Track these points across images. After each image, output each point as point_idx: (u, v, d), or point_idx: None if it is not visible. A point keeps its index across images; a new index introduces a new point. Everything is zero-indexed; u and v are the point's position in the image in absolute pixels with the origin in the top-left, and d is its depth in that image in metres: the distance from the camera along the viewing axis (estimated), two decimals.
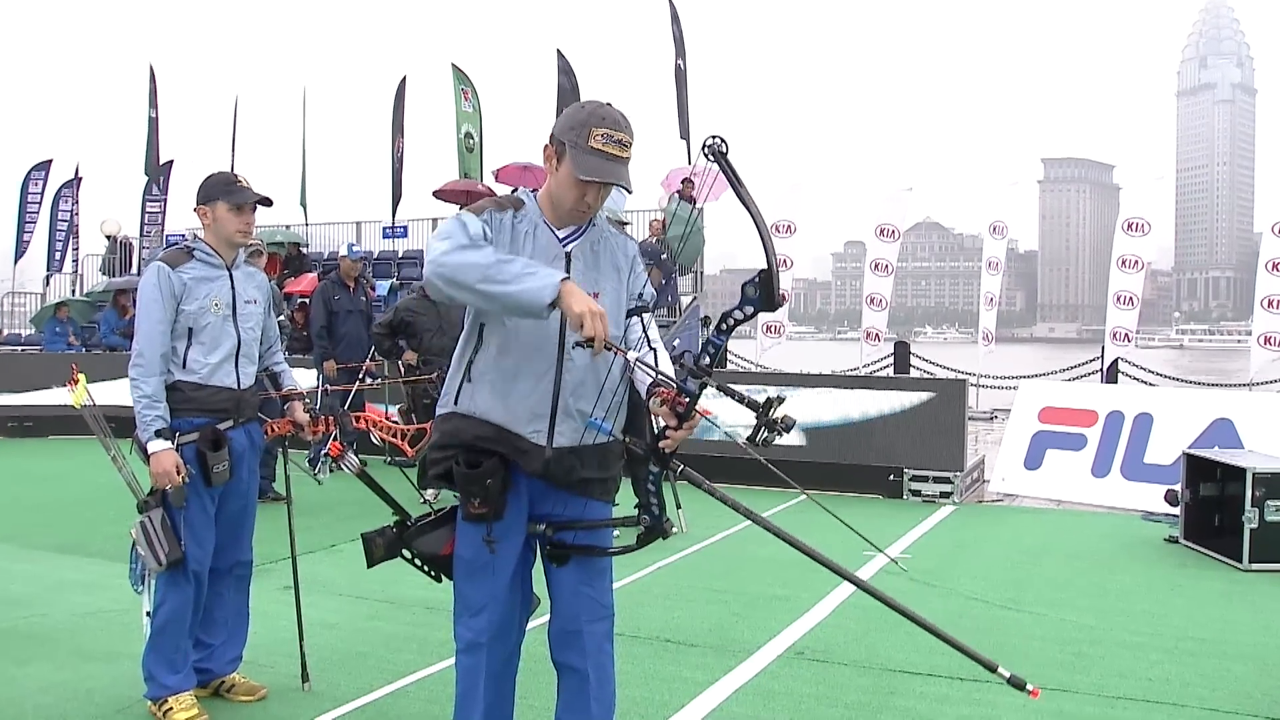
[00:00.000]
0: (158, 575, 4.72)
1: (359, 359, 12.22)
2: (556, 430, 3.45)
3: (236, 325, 4.91)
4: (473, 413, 3.47)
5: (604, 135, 3.32)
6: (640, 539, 3.58)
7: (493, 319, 3.41)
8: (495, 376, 3.44)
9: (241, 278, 5.00)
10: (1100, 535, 9.27)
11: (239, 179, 4.98)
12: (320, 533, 8.48)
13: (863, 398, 11.42)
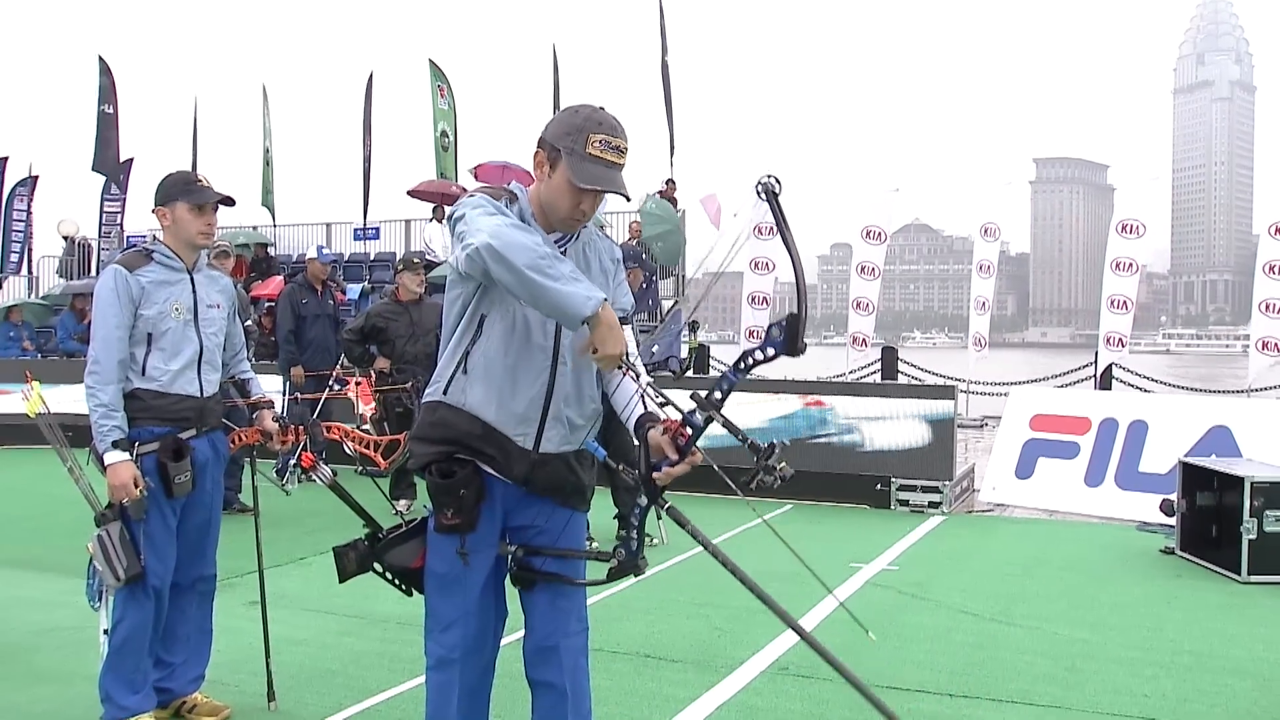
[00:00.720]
0: (116, 591, 4.67)
1: (327, 366, 12.17)
2: (545, 435, 3.47)
3: (198, 330, 4.87)
4: (464, 406, 3.47)
5: (602, 141, 3.30)
6: (611, 573, 3.60)
7: (497, 311, 3.41)
8: (492, 373, 3.43)
9: (204, 281, 4.96)
10: (1094, 546, 9.30)
11: (199, 178, 4.94)
12: (288, 545, 8.44)
13: (849, 405, 11.43)
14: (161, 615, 4.80)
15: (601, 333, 3.08)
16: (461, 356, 3.46)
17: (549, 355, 3.44)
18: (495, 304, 3.40)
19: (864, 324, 21.24)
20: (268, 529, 5.58)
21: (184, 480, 4.72)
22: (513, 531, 3.58)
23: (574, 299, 3.03)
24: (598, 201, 3.42)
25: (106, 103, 25.90)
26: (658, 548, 8.87)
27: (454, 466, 3.45)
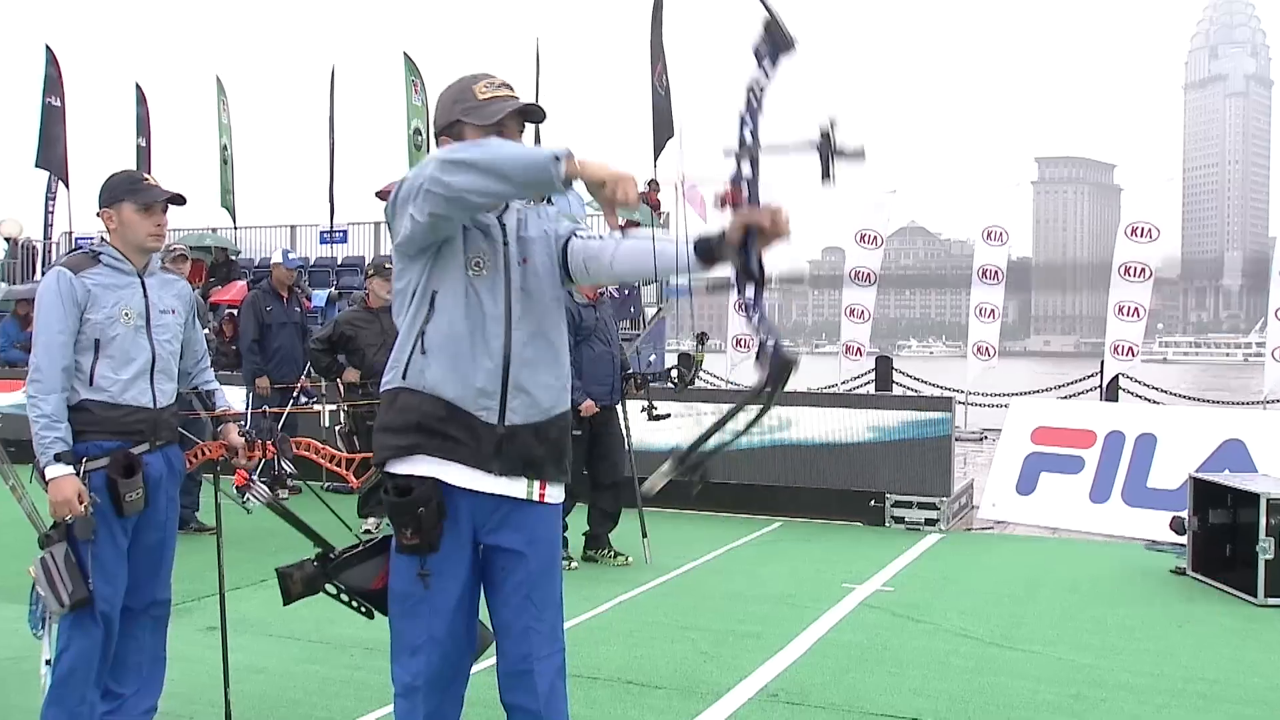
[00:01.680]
0: (60, 618, 4.57)
1: (293, 376, 12.13)
2: (509, 408, 3.50)
3: (150, 338, 4.80)
4: (423, 387, 3.50)
5: (486, 84, 3.54)
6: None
7: (448, 285, 3.49)
8: (448, 348, 3.48)
9: (157, 285, 4.89)
10: (1100, 566, 9.30)
11: (145, 177, 4.89)
12: (249, 566, 8.38)
13: (841, 417, 11.43)
14: (110, 643, 4.72)
15: (593, 170, 3.12)
16: (417, 336, 3.52)
17: (502, 324, 3.50)
18: (445, 278, 3.49)
19: (859, 332, 21.23)
20: (227, 549, 5.54)
21: (135, 498, 4.64)
22: (488, 552, 3.58)
23: (537, 151, 3.15)
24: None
25: (52, 95, 25.47)
26: (639, 568, 8.84)
27: (411, 482, 3.45)
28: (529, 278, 3.56)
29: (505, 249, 3.55)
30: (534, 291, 3.56)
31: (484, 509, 3.53)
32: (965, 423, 19.19)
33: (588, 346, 8.86)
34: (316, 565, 3.80)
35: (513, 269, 3.54)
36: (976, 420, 19.95)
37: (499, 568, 3.58)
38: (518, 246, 3.58)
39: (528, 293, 3.54)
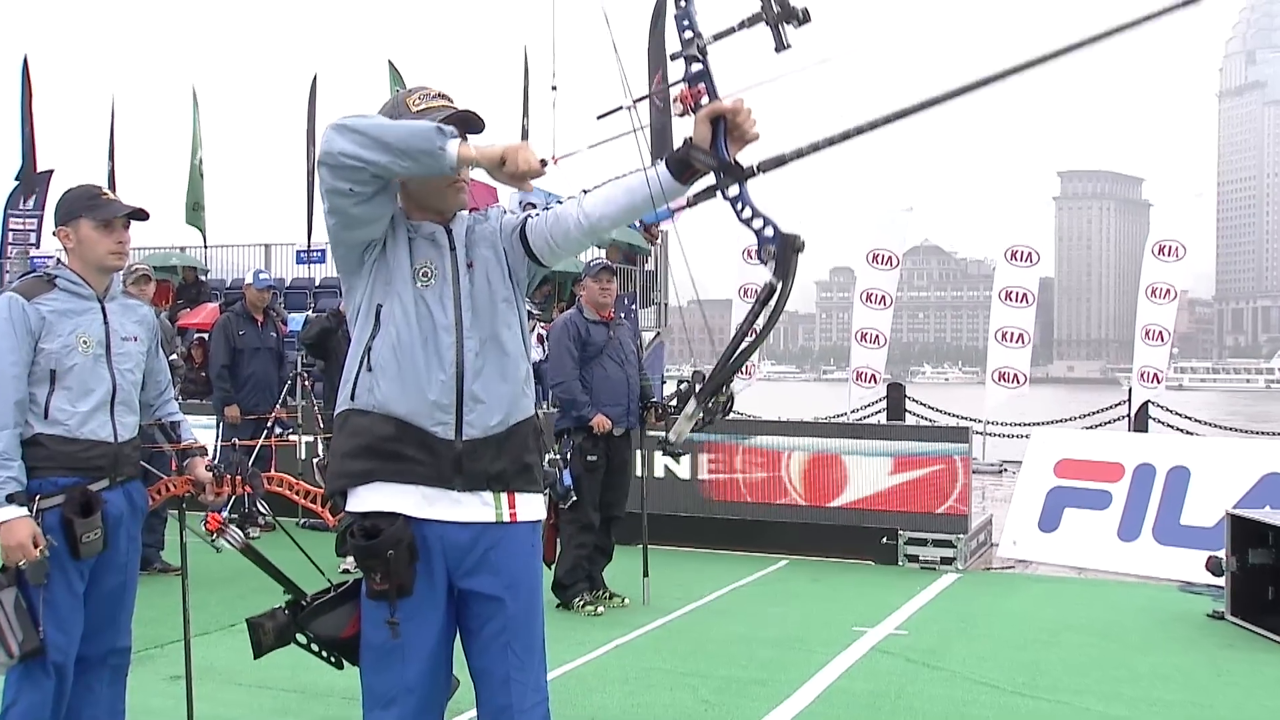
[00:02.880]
0: (9, 670, 4.51)
1: (268, 405, 12.10)
2: (465, 420, 3.52)
3: (111, 367, 4.74)
4: (372, 407, 3.53)
5: (420, 96, 3.64)
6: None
7: (394, 297, 3.54)
8: (397, 362, 3.51)
9: (118, 310, 4.85)
10: (1130, 609, 9.27)
11: (104, 191, 4.86)
12: (218, 610, 8.35)
13: (851, 448, 11.41)
14: (64, 696, 4.64)
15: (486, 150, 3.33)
16: (363, 353, 3.56)
17: (453, 333, 3.53)
18: (391, 291, 3.54)
19: (872, 358, 21.16)
20: (196, 591, 5.51)
21: (93, 539, 4.56)
22: (464, 596, 3.56)
23: (423, 125, 3.33)
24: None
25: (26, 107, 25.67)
26: (638, 609, 8.82)
27: (380, 523, 3.44)
28: (477, 282, 3.59)
29: (453, 255, 3.59)
30: (483, 295, 3.60)
31: (458, 547, 3.53)
32: (983, 454, 19.18)
33: (598, 366, 8.89)
34: (288, 614, 3.77)
35: (461, 276, 3.58)
36: (995, 452, 19.93)
37: (475, 614, 3.58)
38: (465, 252, 3.62)
39: (477, 298, 3.58)
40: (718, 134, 3.27)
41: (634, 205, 3.45)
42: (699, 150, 3.27)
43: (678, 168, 3.34)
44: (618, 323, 9.15)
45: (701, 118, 3.28)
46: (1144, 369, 18.86)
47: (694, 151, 3.28)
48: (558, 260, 3.74)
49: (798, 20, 3.19)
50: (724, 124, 3.27)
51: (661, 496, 11.18)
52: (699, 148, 3.28)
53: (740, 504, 11.49)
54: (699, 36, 3.33)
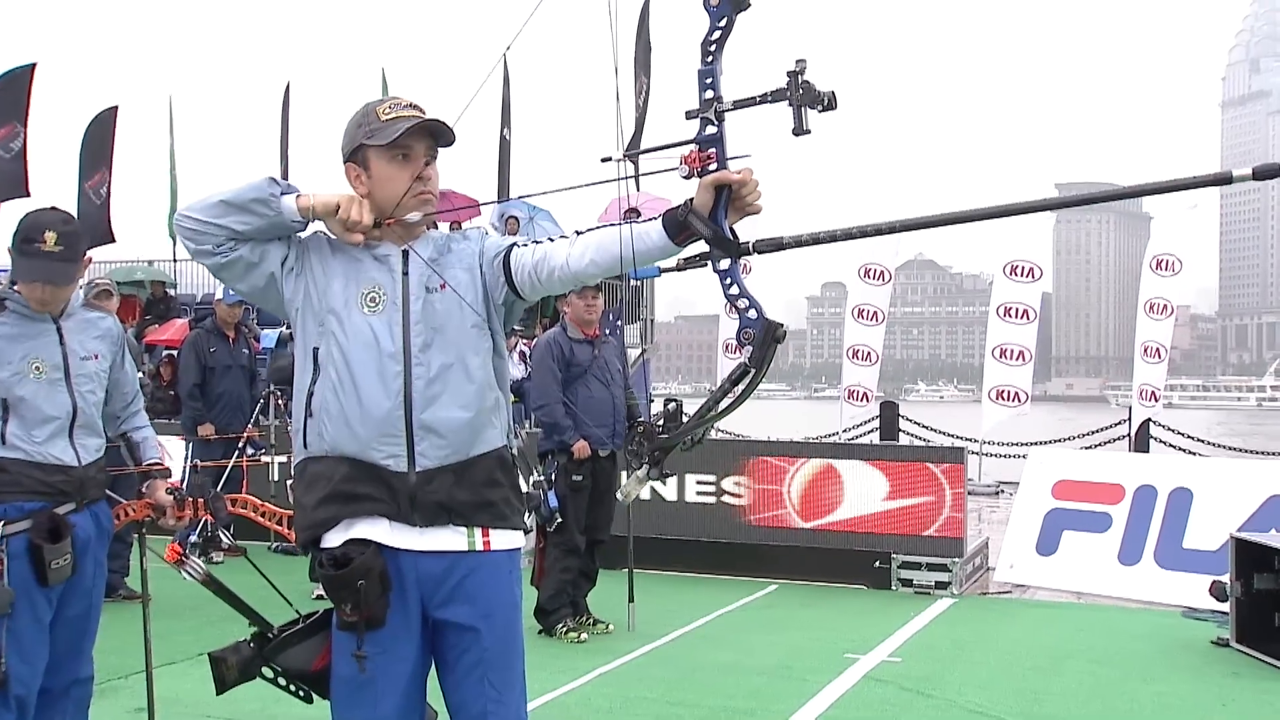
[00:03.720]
0: None
1: (240, 425, 12.05)
2: (417, 451, 3.51)
3: (71, 390, 4.70)
4: (325, 451, 3.54)
5: (390, 106, 3.64)
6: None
7: (329, 336, 3.56)
8: (338, 400, 3.52)
9: (75, 328, 4.80)
10: (1131, 636, 9.28)
11: (54, 209, 4.80)
12: (184, 639, 8.30)
13: (843, 468, 11.42)
14: None
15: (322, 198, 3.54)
16: (306, 399, 3.58)
17: (400, 361, 3.52)
18: (325, 331, 3.57)
19: (864, 375, 21.19)
20: (162, 619, 5.49)
21: (62, 565, 4.54)
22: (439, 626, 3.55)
23: (258, 180, 3.52)
24: (430, 167, 3.64)
25: None
26: (623, 636, 8.80)
27: (350, 551, 3.44)
28: (444, 305, 3.58)
29: (405, 280, 3.59)
30: (450, 319, 3.58)
31: (431, 575, 3.52)
32: (980, 475, 19.22)
33: (583, 385, 8.89)
34: (253, 647, 3.75)
35: (412, 301, 3.56)
36: (992, 472, 19.96)
37: (450, 645, 3.57)
38: (427, 274, 3.60)
39: (434, 322, 3.56)
40: (719, 203, 3.30)
41: (624, 258, 3.45)
42: (698, 217, 3.30)
43: (674, 229, 3.36)
44: (603, 340, 9.15)
45: (706, 184, 3.30)
46: (1143, 387, 18.90)
47: (693, 217, 3.31)
48: (538, 296, 3.74)
49: (822, 106, 3.21)
50: (727, 193, 3.30)
51: (647, 519, 11.17)
52: (699, 214, 3.31)
53: (729, 527, 11.48)
54: (719, 100, 3.34)
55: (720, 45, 3.36)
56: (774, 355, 3.34)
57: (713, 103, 3.34)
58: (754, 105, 3.30)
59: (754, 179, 3.31)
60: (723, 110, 3.34)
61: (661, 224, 3.37)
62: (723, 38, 3.35)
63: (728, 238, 3.32)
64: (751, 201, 3.33)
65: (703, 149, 3.34)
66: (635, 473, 3.38)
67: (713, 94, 3.35)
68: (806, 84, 3.20)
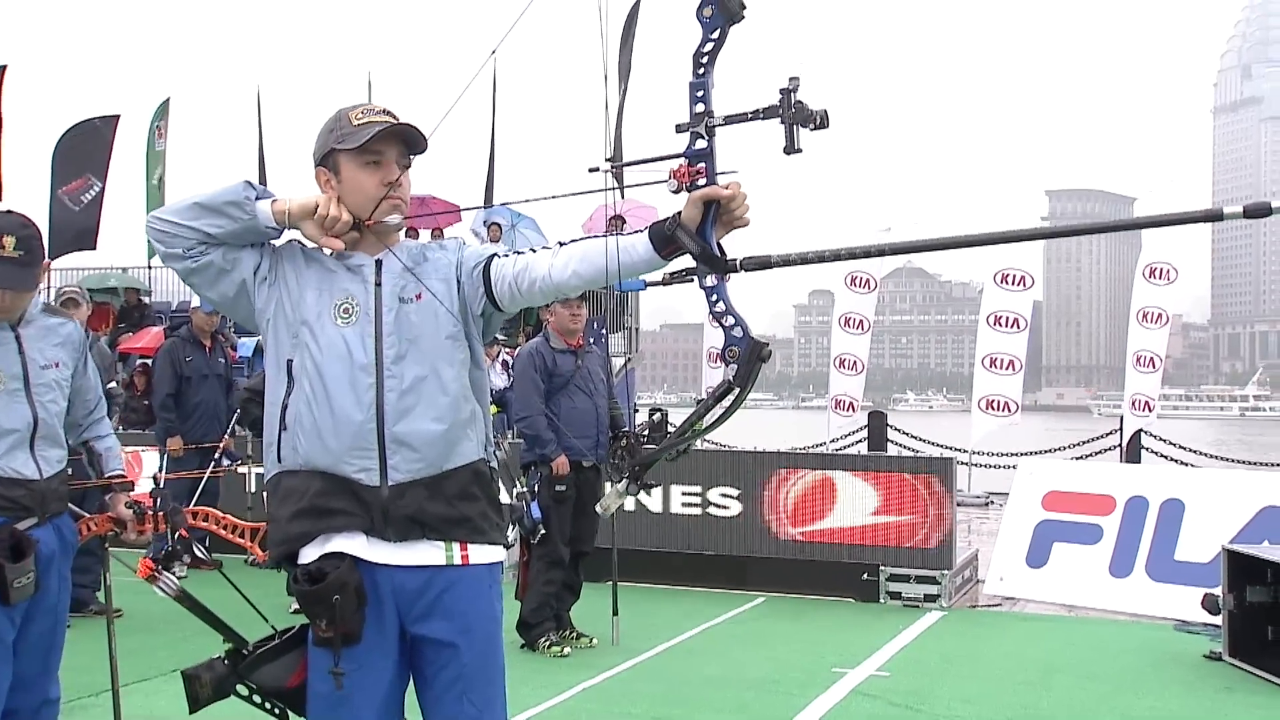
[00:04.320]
0: None
1: (216, 435, 12.00)
2: (390, 465, 3.50)
3: (30, 400, 4.65)
4: (299, 466, 3.53)
5: (361, 111, 3.64)
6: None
7: (303, 348, 3.54)
8: (311, 413, 3.51)
9: (36, 335, 4.75)
10: (1123, 649, 9.28)
11: (10, 213, 4.75)
12: (157, 655, 8.25)
13: (831, 480, 11.42)
14: None
15: (299, 201, 3.54)
16: (280, 412, 3.57)
17: (372, 373, 3.51)
18: (298, 343, 3.56)
19: (850, 385, 21.20)
20: (135, 635, 5.48)
21: (25, 583, 4.48)
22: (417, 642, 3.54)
23: (233, 183, 3.55)
24: (401, 172, 3.62)
25: None
26: (608, 650, 8.79)
27: (325, 565, 3.43)
28: (419, 316, 3.57)
29: (377, 290, 3.58)
30: (424, 330, 3.57)
31: (408, 590, 3.51)
32: (969, 486, 19.24)
33: (566, 397, 8.88)
34: (228, 663, 3.73)
35: (384, 311, 3.56)
36: (981, 483, 19.96)
37: (429, 661, 3.56)
38: (401, 284, 3.60)
39: (409, 333, 3.55)
40: (707, 218, 3.30)
41: (609, 271, 3.44)
42: (686, 232, 3.30)
43: (661, 242, 3.36)
44: (586, 350, 9.14)
45: (695, 199, 3.30)
46: (1136, 396, 18.93)
47: (680, 232, 3.31)
48: (518, 307, 3.72)
49: (814, 124, 3.22)
50: (716, 209, 3.30)
51: (632, 531, 11.16)
52: (686, 229, 3.30)
53: (714, 538, 11.48)
54: (710, 114, 3.35)
55: (712, 58, 3.36)
56: (759, 373, 3.36)
57: (703, 117, 3.34)
58: (745, 121, 3.30)
59: (743, 194, 3.32)
60: (713, 125, 3.34)
61: (648, 237, 3.37)
62: (715, 50, 3.36)
63: (715, 254, 3.32)
64: (739, 214, 3.33)
65: (692, 163, 3.33)
66: (615, 486, 3.38)
67: (704, 107, 3.35)
68: (799, 103, 3.21)
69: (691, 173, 3.33)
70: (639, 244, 3.38)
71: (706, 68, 3.36)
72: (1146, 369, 18.87)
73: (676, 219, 3.31)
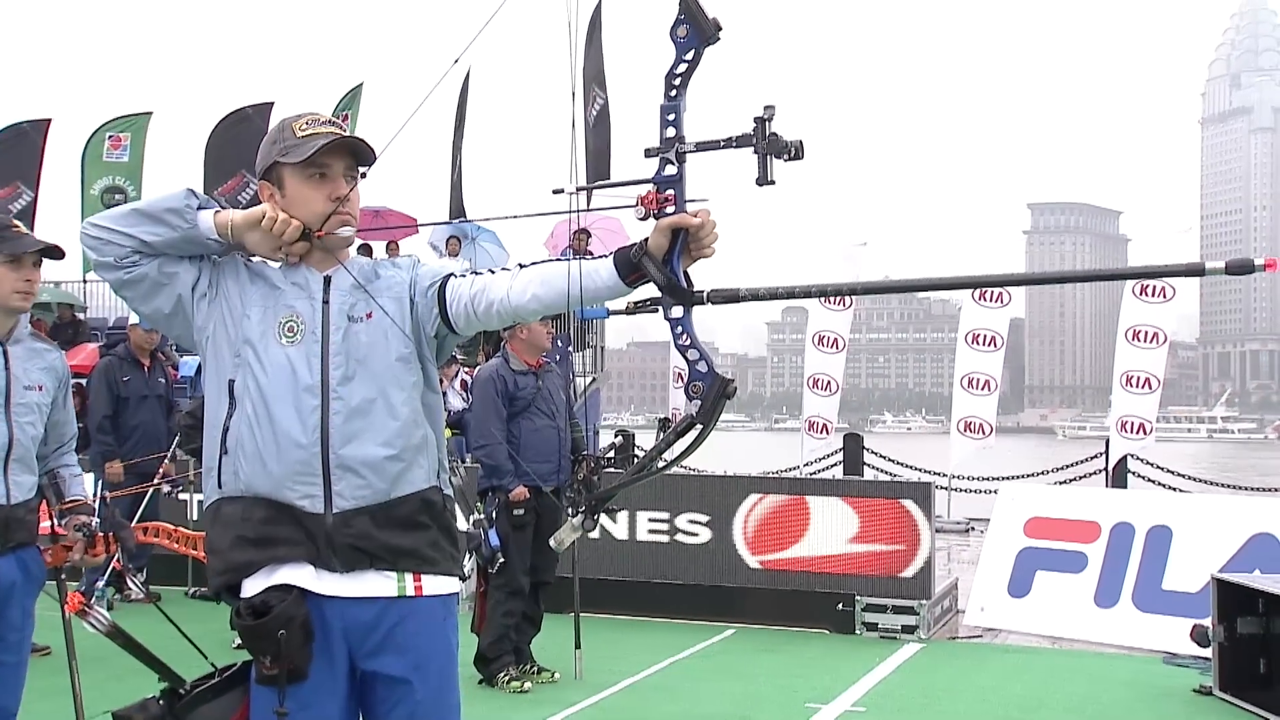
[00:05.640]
0: None
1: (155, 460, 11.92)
2: (335, 491, 3.48)
3: (9, 419, 4.66)
4: (240, 492, 3.50)
5: (307, 122, 3.63)
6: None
7: (245, 366, 3.52)
8: (254, 436, 3.49)
9: (23, 355, 4.77)
10: (1109, 683, 9.30)
11: (15, 224, 4.79)
12: (88, 695, 8.09)
13: (804, 505, 11.42)
14: None
15: (245, 212, 3.53)
16: (221, 435, 3.54)
17: (318, 395, 3.50)
18: (241, 362, 3.53)
19: (824, 406, 21.20)
20: (65, 674, 5.41)
21: None
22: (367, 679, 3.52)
23: (176, 190, 3.53)
24: (350, 186, 3.61)
25: None
26: (566, 684, 8.76)
27: (270, 598, 3.41)
28: (369, 336, 3.56)
29: (325, 308, 3.57)
30: (368, 351, 3.56)
31: (359, 624, 3.49)
32: (949, 511, 19.28)
33: (526, 419, 8.85)
34: (163, 704, 3.70)
35: (332, 330, 3.55)
36: (961, 508, 20.01)
37: (380, 699, 3.55)
38: (351, 301, 3.59)
39: (357, 353, 3.54)
40: (674, 247, 3.31)
41: (571, 296, 3.43)
42: (652, 261, 3.31)
43: (626, 269, 3.36)
44: (547, 370, 9.12)
45: (662, 227, 3.30)
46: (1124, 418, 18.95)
47: (646, 261, 3.31)
48: (473, 330, 3.71)
49: (788, 155, 3.23)
50: (684, 237, 3.31)
51: (596, 559, 11.14)
52: (653, 257, 3.31)
53: (682, 567, 11.46)
54: (681, 140, 3.35)
55: (685, 80, 3.36)
56: (723, 410, 3.37)
57: (674, 142, 3.34)
58: (717, 149, 3.31)
59: (713, 222, 3.32)
60: (684, 151, 3.34)
61: (613, 263, 3.37)
62: (688, 72, 3.36)
63: (681, 286, 3.33)
64: (707, 244, 3.33)
65: (660, 189, 3.34)
66: (570, 520, 3.37)
67: (675, 132, 3.35)
68: (774, 134, 3.21)
69: (660, 199, 3.33)
70: (603, 269, 3.38)
71: (679, 90, 3.36)
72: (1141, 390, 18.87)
73: (643, 246, 3.32)
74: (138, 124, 24.60)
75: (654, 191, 3.34)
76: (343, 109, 23.98)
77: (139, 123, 24.60)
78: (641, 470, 3.50)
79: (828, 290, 3.40)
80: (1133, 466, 18.90)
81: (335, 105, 23.82)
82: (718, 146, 3.30)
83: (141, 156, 24.35)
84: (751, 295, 3.35)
